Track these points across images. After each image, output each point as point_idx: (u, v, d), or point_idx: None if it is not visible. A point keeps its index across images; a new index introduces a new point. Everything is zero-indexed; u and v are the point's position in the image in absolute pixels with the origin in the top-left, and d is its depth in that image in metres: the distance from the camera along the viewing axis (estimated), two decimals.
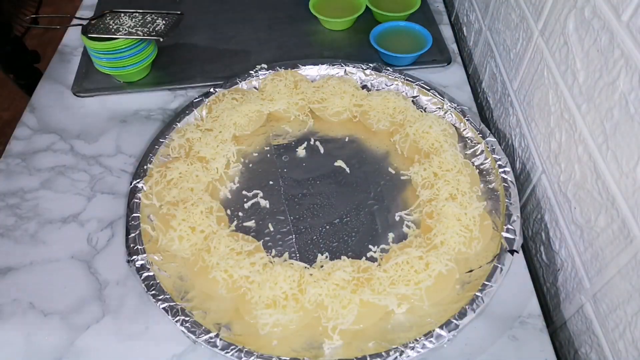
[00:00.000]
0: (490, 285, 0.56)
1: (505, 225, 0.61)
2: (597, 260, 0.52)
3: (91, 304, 0.59)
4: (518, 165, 0.72)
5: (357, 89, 0.78)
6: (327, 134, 0.76)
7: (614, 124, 0.48)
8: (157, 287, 0.57)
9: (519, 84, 0.70)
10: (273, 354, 0.52)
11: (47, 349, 0.56)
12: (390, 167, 0.71)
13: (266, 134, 0.76)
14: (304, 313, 0.55)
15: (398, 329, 0.55)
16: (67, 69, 0.87)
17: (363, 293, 0.56)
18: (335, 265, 0.58)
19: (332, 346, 0.54)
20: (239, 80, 0.80)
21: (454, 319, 0.54)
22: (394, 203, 0.67)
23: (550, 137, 0.61)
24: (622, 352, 0.49)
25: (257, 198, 0.68)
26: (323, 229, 0.65)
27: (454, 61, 0.87)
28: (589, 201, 0.53)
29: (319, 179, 0.70)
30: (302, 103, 0.77)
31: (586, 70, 0.52)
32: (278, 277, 0.56)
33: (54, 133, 0.78)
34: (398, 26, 0.89)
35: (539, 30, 0.63)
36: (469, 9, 0.91)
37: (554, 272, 0.63)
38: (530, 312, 0.58)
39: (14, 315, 0.59)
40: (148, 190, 0.66)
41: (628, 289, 0.47)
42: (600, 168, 0.51)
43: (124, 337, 0.57)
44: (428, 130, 0.70)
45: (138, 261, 0.59)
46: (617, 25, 0.46)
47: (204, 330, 0.54)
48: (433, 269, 0.57)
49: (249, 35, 0.93)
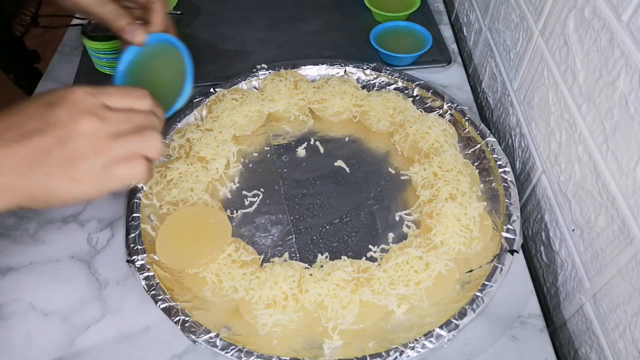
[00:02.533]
0: (490, 285, 0.56)
1: (505, 225, 0.61)
2: (597, 260, 0.52)
3: (91, 304, 0.59)
4: (518, 165, 0.72)
5: (357, 89, 0.78)
6: (327, 134, 0.76)
7: (614, 124, 0.48)
8: (157, 287, 0.57)
9: (519, 84, 0.70)
10: (273, 354, 0.52)
11: (47, 349, 0.56)
12: (390, 167, 0.71)
13: (266, 134, 0.76)
14: (304, 313, 0.55)
15: (398, 329, 0.55)
16: (67, 69, 0.87)
17: (363, 293, 0.56)
18: (335, 265, 0.58)
19: (332, 346, 0.54)
20: (239, 80, 0.80)
21: (454, 319, 0.54)
22: (394, 203, 0.67)
23: (550, 137, 0.61)
24: (622, 352, 0.49)
25: (257, 198, 0.68)
26: (323, 229, 0.65)
27: (454, 61, 0.87)
28: (589, 201, 0.53)
29: (319, 179, 0.70)
30: (302, 103, 0.77)
31: (586, 70, 0.52)
32: (278, 277, 0.56)
33: None
34: (398, 26, 0.89)
35: (539, 30, 0.63)
36: (469, 9, 0.91)
37: (554, 272, 0.63)
38: (530, 312, 0.58)
39: (14, 315, 0.59)
40: (148, 190, 0.66)
41: (628, 289, 0.47)
42: (600, 168, 0.51)
43: (124, 337, 0.57)
44: (428, 131, 0.70)
45: (138, 261, 0.59)
46: (617, 25, 0.46)
47: (204, 330, 0.54)
48: (433, 269, 0.57)
49: (249, 35, 0.93)
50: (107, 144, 0.42)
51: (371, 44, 0.85)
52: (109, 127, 0.43)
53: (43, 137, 0.40)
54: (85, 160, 0.41)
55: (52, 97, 0.42)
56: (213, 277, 0.57)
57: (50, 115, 0.41)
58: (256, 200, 0.68)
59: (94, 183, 0.42)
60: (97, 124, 0.42)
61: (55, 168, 0.41)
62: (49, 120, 0.41)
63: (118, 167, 0.43)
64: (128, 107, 0.45)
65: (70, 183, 0.42)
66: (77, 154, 0.41)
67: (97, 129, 0.42)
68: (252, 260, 0.60)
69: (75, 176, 0.41)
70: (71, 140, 0.41)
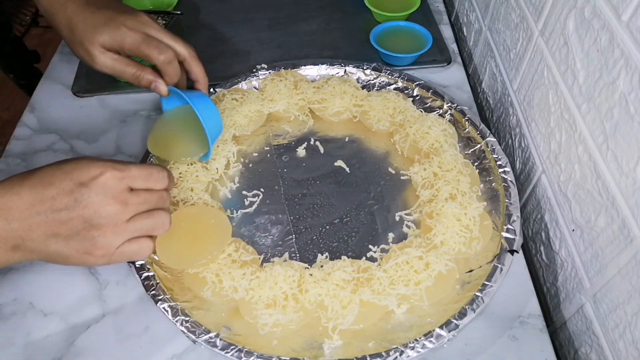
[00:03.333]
0: (490, 285, 0.56)
1: (505, 225, 0.61)
2: (597, 260, 0.52)
3: (91, 304, 0.59)
4: (518, 165, 0.72)
5: (357, 89, 0.78)
6: (327, 134, 0.76)
7: (614, 124, 0.48)
8: (157, 287, 0.57)
9: (519, 84, 0.70)
10: (273, 354, 0.52)
11: (47, 349, 0.56)
12: (390, 167, 0.71)
13: (266, 134, 0.76)
14: (304, 313, 0.55)
15: (398, 329, 0.55)
16: (67, 69, 0.87)
17: (363, 293, 0.56)
18: (335, 265, 0.58)
19: (332, 346, 0.54)
20: (239, 80, 0.80)
21: (454, 319, 0.54)
22: (394, 203, 0.67)
23: (550, 137, 0.61)
24: (622, 352, 0.49)
25: (257, 198, 0.68)
26: (323, 229, 0.65)
27: (454, 61, 0.87)
28: (589, 201, 0.53)
29: (319, 179, 0.70)
30: (302, 103, 0.77)
31: (586, 70, 0.52)
32: (278, 277, 0.56)
33: (54, 133, 0.78)
34: (398, 26, 0.89)
35: (539, 30, 0.63)
36: (469, 9, 0.91)
37: (554, 272, 0.63)
38: (530, 312, 0.58)
39: (14, 315, 0.59)
40: None
41: (628, 289, 0.47)
42: (600, 168, 0.51)
43: (124, 337, 0.57)
44: (428, 131, 0.70)
45: (138, 261, 0.59)
46: (617, 25, 0.46)
47: (204, 330, 0.54)
48: (433, 269, 0.57)
49: (249, 35, 0.93)
50: (124, 226, 0.49)
51: (371, 44, 0.85)
52: (129, 211, 0.49)
53: (70, 214, 0.46)
54: (103, 238, 0.48)
55: (84, 174, 0.47)
56: (213, 277, 0.57)
57: (80, 194, 0.46)
58: (256, 200, 0.68)
59: (105, 258, 0.49)
60: (119, 208, 0.48)
61: (76, 241, 0.47)
62: (78, 200, 0.46)
63: (128, 245, 0.50)
64: (148, 188, 0.51)
65: (84, 255, 0.48)
66: (96, 233, 0.47)
67: (118, 212, 0.48)
68: (252, 260, 0.60)
69: (90, 250, 0.48)
70: (94, 220, 0.47)
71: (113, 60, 0.61)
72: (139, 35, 0.60)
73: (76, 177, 0.47)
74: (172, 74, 0.62)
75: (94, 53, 0.60)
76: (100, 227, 0.47)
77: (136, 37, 0.59)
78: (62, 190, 0.46)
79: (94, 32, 0.59)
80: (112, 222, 0.48)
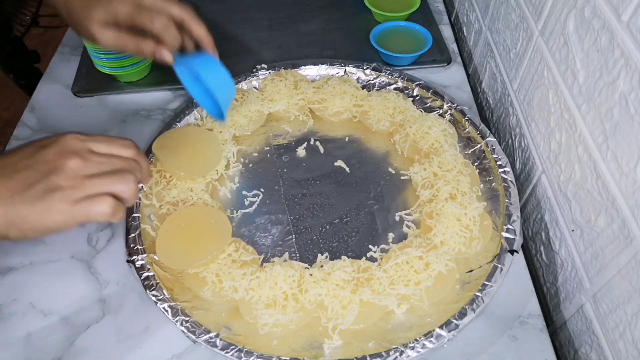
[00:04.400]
0: (490, 285, 0.56)
1: (505, 225, 0.61)
2: (597, 260, 0.52)
3: (91, 304, 0.59)
4: (518, 165, 0.72)
5: (357, 89, 0.78)
6: (327, 134, 0.76)
7: (614, 124, 0.48)
8: (157, 287, 0.57)
9: (519, 84, 0.70)
10: (273, 354, 0.52)
11: (47, 349, 0.56)
12: (390, 167, 0.71)
13: (266, 134, 0.76)
14: (304, 313, 0.55)
15: (398, 329, 0.55)
16: (67, 69, 0.87)
17: (363, 293, 0.56)
18: (335, 265, 0.58)
19: (332, 346, 0.54)
20: (239, 80, 0.80)
21: (454, 319, 0.54)
22: (394, 203, 0.67)
23: (550, 137, 0.61)
24: (622, 352, 0.49)
25: (257, 198, 0.68)
26: (323, 229, 0.65)
27: (454, 61, 0.87)
28: (589, 201, 0.53)
29: (319, 179, 0.70)
30: (302, 103, 0.77)
31: (586, 70, 0.52)
32: (278, 277, 0.56)
33: (54, 133, 0.78)
34: (398, 26, 0.89)
35: (539, 30, 0.63)
36: (469, 9, 0.91)
37: (554, 272, 0.63)
38: (530, 312, 0.58)
39: (14, 315, 0.59)
40: (148, 190, 0.66)
41: (628, 289, 0.47)
42: (600, 168, 0.51)
43: (124, 337, 0.57)
44: (428, 131, 0.70)
45: (138, 261, 0.59)
46: (617, 25, 0.46)
47: (204, 330, 0.54)
48: (433, 269, 0.57)
49: (249, 35, 0.93)
50: (83, 181, 0.47)
51: (371, 44, 0.85)
52: (89, 168, 0.48)
53: (30, 172, 0.46)
54: (60, 192, 0.46)
55: (46, 140, 0.49)
56: (213, 277, 0.57)
57: (40, 154, 0.47)
58: (256, 200, 0.68)
59: (64, 214, 0.47)
60: (78, 163, 0.47)
61: (34, 197, 0.46)
62: (38, 159, 0.47)
63: (86, 202, 0.47)
64: (112, 154, 0.51)
65: (43, 212, 0.46)
66: (55, 187, 0.46)
67: (77, 168, 0.47)
68: (252, 260, 0.60)
69: (50, 205, 0.46)
70: (53, 174, 0.46)
71: (114, 36, 0.59)
72: (131, 6, 0.58)
73: (38, 143, 0.49)
74: (171, 40, 0.60)
75: (94, 31, 0.59)
76: (59, 181, 0.46)
77: (128, 7, 0.58)
78: (23, 155, 0.47)
79: (88, 10, 0.58)
80: (70, 175, 0.47)
